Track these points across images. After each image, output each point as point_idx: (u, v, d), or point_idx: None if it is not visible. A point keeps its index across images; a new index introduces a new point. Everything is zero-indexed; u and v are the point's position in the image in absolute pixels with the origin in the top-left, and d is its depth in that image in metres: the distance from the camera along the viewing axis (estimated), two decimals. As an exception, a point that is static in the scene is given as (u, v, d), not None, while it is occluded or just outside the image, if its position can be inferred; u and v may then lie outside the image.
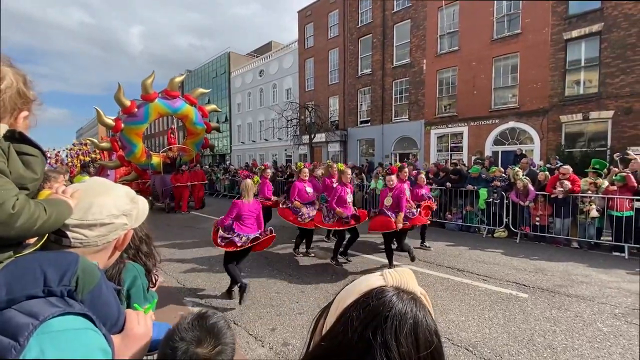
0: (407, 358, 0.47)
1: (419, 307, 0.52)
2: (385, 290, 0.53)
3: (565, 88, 12.06)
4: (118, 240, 0.87)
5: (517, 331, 3.29)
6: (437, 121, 15.62)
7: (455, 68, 14.90)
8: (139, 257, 1.61)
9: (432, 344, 0.50)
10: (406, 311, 0.50)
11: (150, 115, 11.31)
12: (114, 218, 0.82)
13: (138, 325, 0.87)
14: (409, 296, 0.53)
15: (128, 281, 1.41)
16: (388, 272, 0.56)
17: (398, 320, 0.49)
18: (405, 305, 0.51)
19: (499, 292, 4.26)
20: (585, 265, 5.36)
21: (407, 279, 0.55)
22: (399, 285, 0.54)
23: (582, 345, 3.03)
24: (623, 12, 10.73)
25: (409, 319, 0.49)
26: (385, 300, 0.51)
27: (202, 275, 5.07)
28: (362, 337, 0.48)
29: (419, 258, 5.69)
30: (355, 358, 0.48)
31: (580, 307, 3.82)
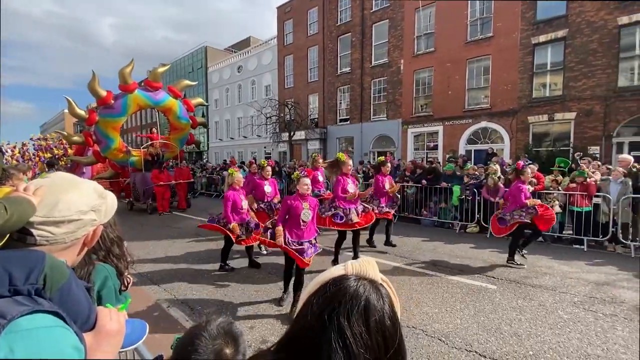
0: (359, 338, 0.49)
1: (374, 292, 0.55)
2: (344, 278, 0.56)
3: (533, 90, 12.70)
4: (87, 237, 0.86)
5: (486, 321, 3.47)
6: (414, 120, 16.01)
7: (431, 69, 15.30)
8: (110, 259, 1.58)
9: (383, 326, 0.52)
10: (359, 295, 0.53)
11: (129, 108, 10.56)
12: (82, 214, 0.81)
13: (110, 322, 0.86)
14: (367, 283, 0.56)
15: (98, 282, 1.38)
16: (350, 263, 0.60)
17: (350, 303, 0.52)
18: (359, 290, 0.54)
19: (470, 284, 4.46)
20: (549, 257, 5.71)
21: (368, 268, 0.59)
22: (359, 273, 0.57)
23: (544, 332, 3.24)
24: (586, 20, 11.42)
25: (362, 301, 0.52)
26: (342, 286, 0.55)
27: (178, 275, 4.97)
28: (320, 320, 0.52)
29: (394, 253, 5.84)
30: (314, 340, 0.51)
31: (544, 296, 4.07)
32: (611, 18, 10.93)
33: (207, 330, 0.83)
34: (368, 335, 0.50)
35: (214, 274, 5.02)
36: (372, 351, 0.50)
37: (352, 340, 0.49)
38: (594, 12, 11.23)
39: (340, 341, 0.49)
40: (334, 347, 0.49)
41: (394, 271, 5.04)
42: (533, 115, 12.62)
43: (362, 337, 0.50)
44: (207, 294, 4.28)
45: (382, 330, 0.52)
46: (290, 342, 0.55)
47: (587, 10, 11.36)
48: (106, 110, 10.30)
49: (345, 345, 0.49)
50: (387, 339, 0.52)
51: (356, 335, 0.49)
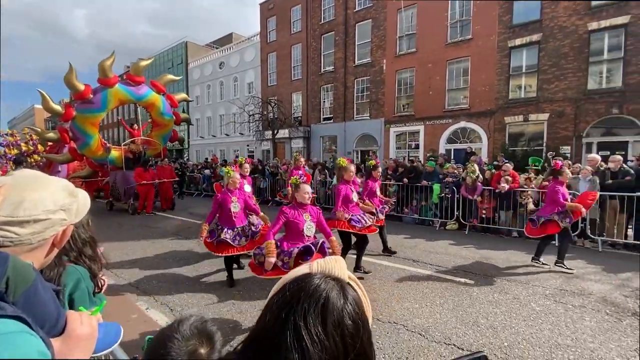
0: (315, 338, 0.48)
1: (337, 291, 0.53)
2: (307, 277, 0.55)
3: (509, 92, 13.15)
4: (56, 237, 0.82)
5: (464, 315, 3.58)
6: (396, 120, 16.24)
7: (412, 69, 15.57)
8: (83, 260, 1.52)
9: (343, 326, 0.50)
10: (318, 293, 0.51)
11: (109, 103, 10.03)
12: (50, 213, 0.77)
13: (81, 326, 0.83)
14: (332, 281, 0.54)
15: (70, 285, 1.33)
16: (316, 262, 0.58)
17: (308, 302, 0.50)
18: (319, 288, 0.52)
19: (449, 279, 4.59)
20: (524, 252, 5.94)
21: (334, 266, 0.57)
22: (324, 271, 0.56)
23: (518, 324, 3.37)
24: (558, 25, 11.92)
25: (320, 300, 0.51)
26: (302, 285, 0.53)
27: (157, 276, 4.84)
28: (278, 320, 0.51)
29: (377, 251, 5.92)
30: (274, 341, 0.50)
31: (518, 290, 4.24)
32: (582, 24, 11.46)
33: (179, 332, 0.80)
34: (325, 335, 0.48)
35: (195, 274, 4.93)
36: (329, 352, 0.48)
37: (307, 340, 0.47)
38: (566, 18, 11.74)
39: (296, 342, 0.48)
40: (290, 348, 0.47)
41: (376, 268, 5.11)
42: (509, 115, 13.08)
43: (319, 337, 0.48)
44: (187, 295, 4.20)
45: (341, 330, 0.50)
46: (252, 343, 0.54)
47: (560, 15, 11.86)
48: (84, 105, 9.76)
49: (300, 346, 0.47)
50: (346, 340, 0.50)
51: (312, 335, 0.48)
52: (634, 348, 2.93)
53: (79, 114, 9.75)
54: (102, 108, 10.03)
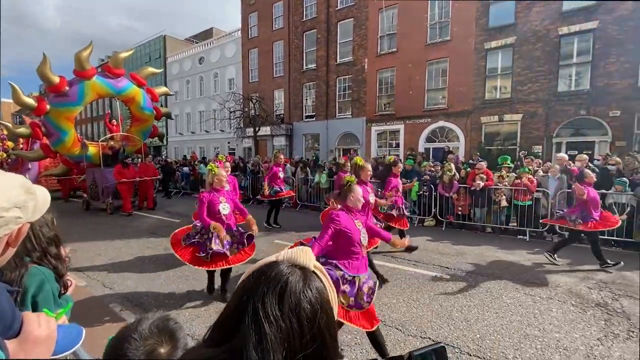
0: (272, 319, 0.50)
1: (299, 277, 0.55)
2: (273, 264, 0.57)
3: (486, 92, 13.57)
4: (10, 236, 0.78)
5: (440, 309, 3.68)
6: (377, 119, 16.43)
7: (393, 69, 15.77)
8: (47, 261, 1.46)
9: (300, 310, 0.52)
10: (278, 278, 0.53)
11: (86, 96, 9.48)
12: (3, 211, 0.74)
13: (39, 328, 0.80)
14: (296, 269, 0.56)
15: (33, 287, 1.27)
16: (283, 251, 0.61)
17: (267, 286, 0.52)
18: (280, 274, 0.54)
19: (426, 274, 4.71)
20: (496, 247, 6.17)
21: (299, 255, 0.59)
22: (290, 260, 0.58)
23: (490, 316, 3.51)
24: (531, 28, 12.39)
25: (279, 284, 0.53)
26: (266, 270, 0.55)
27: (131, 277, 4.70)
28: (240, 303, 0.53)
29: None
30: (235, 323, 0.52)
31: (491, 284, 4.40)
32: (553, 28, 11.97)
33: (137, 331, 0.78)
34: (281, 316, 0.50)
35: (172, 274, 4.82)
36: (285, 332, 0.50)
37: (264, 320, 0.49)
38: (539, 22, 12.22)
39: (254, 323, 0.50)
40: (249, 328, 0.50)
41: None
42: (485, 116, 13.50)
43: (275, 317, 0.50)
44: (163, 295, 4.10)
45: (297, 313, 0.52)
46: (217, 329, 0.55)
47: (533, 20, 12.33)
48: (59, 98, 9.16)
49: (258, 326, 0.49)
50: (302, 322, 0.52)
51: (269, 317, 0.50)
52: (596, 337, 3.11)
53: (53, 107, 9.18)
54: (79, 101, 9.48)
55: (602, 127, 11.32)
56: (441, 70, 14.59)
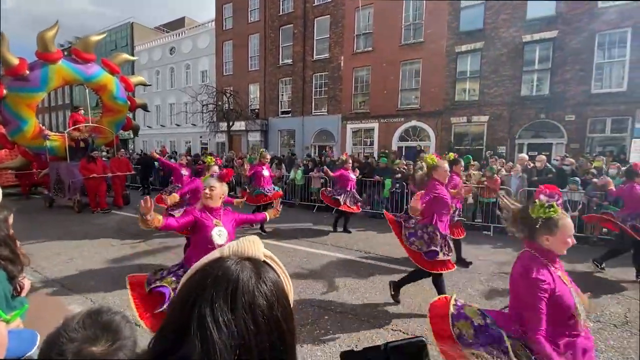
0: (222, 325, 0.45)
1: (251, 271, 0.50)
2: (218, 261, 0.52)
3: (455, 94, 14.13)
4: None
5: (410, 302, 3.82)
6: (353, 117, 16.62)
7: (369, 67, 16.00)
8: None
9: (255, 307, 0.47)
10: (228, 276, 0.48)
11: (50, 81, 8.63)
12: None
13: None
14: (245, 262, 0.52)
15: None
16: (228, 245, 0.56)
17: (215, 288, 0.47)
18: (229, 271, 0.49)
19: (397, 269, 4.86)
20: (464, 243, 6.46)
21: (247, 246, 0.54)
22: (237, 253, 0.53)
23: (456, 308, 3.69)
24: (498, 35, 13.01)
25: (230, 284, 0.48)
26: (211, 271, 0.50)
27: (95, 277, 4.47)
28: (184, 309, 0.47)
29: (332, 244, 6.07)
30: (179, 331, 0.46)
31: (458, 276, 4.62)
32: (517, 35, 12.65)
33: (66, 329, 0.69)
34: (235, 319, 0.45)
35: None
36: (238, 337, 0.45)
37: (213, 329, 0.44)
38: (505, 29, 12.87)
39: (200, 332, 0.44)
40: (194, 339, 0.44)
41: (329, 262, 5.23)
42: (455, 116, 14.06)
43: (226, 323, 0.45)
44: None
45: (253, 312, 0.47)
46: (160, 338, 0.49)
47: (500, 26, 12.96)
48: (18, 82, 8.28)
49: (205, 335, 0.44)
50: (258, 321, 0.47)
51: (219, 323, 0.44)
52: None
53: (12, 93, 8.29)
54: (42, 87, 8.62)
55: (558, 130, 12.17)
56: (414, 71, 14.99)
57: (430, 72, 14.40)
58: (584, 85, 11.64)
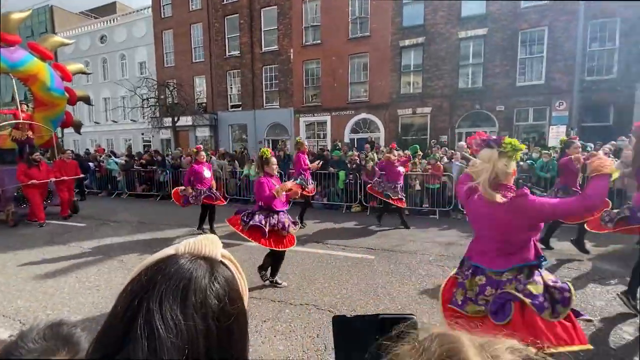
0: (170, 322, 0.42)
1: (205, 270, 0.48)
2: (171, 258, 0.49)
3: (401, 87, 14.82)
4: None
5: (366, 287, 4.00)
6: (305, 110, 16.63)
7: (319, 61, 16.07)
8: None
9: (206, 307, 0.45)
10: (180, 274, 0.46)
11: None
12: None
13: None
14: (200, 261, 0.49)
15: None
16: (184, 242, 0.53)
17: (167, 284, 0.45)
18: (182, 269, 0.47)
19: (354, 257, 5.04)
20: (413, 227, 6.91)
21: (204, 245, 0.52)
22: (193, 251, 0.51)
23: (409, 289, 3.95)
24: (437, 30, 13.85)
25: (182, 281, 0.46)
26: (163, 267, 0.47)
27: (24, 295, 3.97)
28: (130, 307, 0.44)
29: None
30: (122, 330, 0.43)
31: (409, 259, 4.93)
32: (454, 32, 13.59)
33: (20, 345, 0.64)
34: (184, 318, 0.43)
35: (77, 285, 4.22)
36: (186, 336, 0.43)
37: (160, 327, 0.42)
38: (443, 25, 13.73)
39: (146, 330, 0.42)
40: (139, 337, 0.41)
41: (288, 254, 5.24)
42: (401, 109, 14.77)
43: (175, 321, 0.42)
44: (69, 310, 3.58)
45: (203, 312, 0.45)
46: (102, 338, 0.46)
47: (438, 22, 13.80)
48: None
49: (152, 333, 0.41)
50: (208, 321, 0.45)
51: (167, 321, 0.42)
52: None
53: None
54: None
55: (491, 119, 13.42)
56: (362, 65, 15.39)
57: (377, 65, 14.89)
58: (510, 79, 12.95)
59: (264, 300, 3.67)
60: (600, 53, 11.95)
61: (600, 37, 11.95)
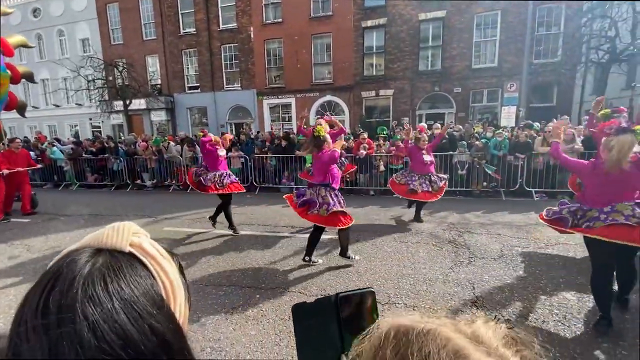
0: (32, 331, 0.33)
1: (102, 265, 0.37)
2: (68, 255, 0.39)
3: (364, 69, 14.86)
4: None
5: (336, 267, 4.09)
6: (268, 91, 16.17)
7: (280, 40, 15.55)
8: None
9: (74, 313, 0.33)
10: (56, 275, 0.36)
11: None
12: None
13: None
14: (99, 256, 0.38)
15: None
16: (90, 235, 0.42)
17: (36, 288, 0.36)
18: (59, 268, 0.37)
19: (323, 238, 5.06)
20: (379, 207, 7.13)
21: (107, 235, 0.41)
22: (94, 244, 0.40)
23: (376, 265, 4.10)
24: (398, 12, 13.92)
25: (50, 283, 0.35)
26: (53, 265, 0.38)
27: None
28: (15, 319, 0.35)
29: (258, 223, 6.01)
30: None
31: (374, 238, 5.10)
32: (414, 14, 13.74)
33: None
34: (45, 329, 0.33)
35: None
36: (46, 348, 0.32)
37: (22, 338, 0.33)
38: (404, 6, 13.82)
39: (14, 342, 0.33)
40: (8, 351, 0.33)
41: (257, 240, 5.19)
42: (365, 91, 14.88)
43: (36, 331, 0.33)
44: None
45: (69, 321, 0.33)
46: None
47: (399, 4, 13.85)
48: None
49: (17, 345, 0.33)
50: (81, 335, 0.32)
51: (28, 333, 0.33)
52: (449, 266, 4.00)
53: None
54: None
55: (449, 101, 13.97)
56: (326, 45, 15.16)
57: (340, 46, 14.74)
58: (466, 61, 13.47)
59: (233, 287, 3.63)
60: (547, 37, 12.77)
61: (547, 22, 12.74)
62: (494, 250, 4.48)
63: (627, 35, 11.51)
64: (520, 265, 3.99)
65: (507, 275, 3.75)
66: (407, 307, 3.17)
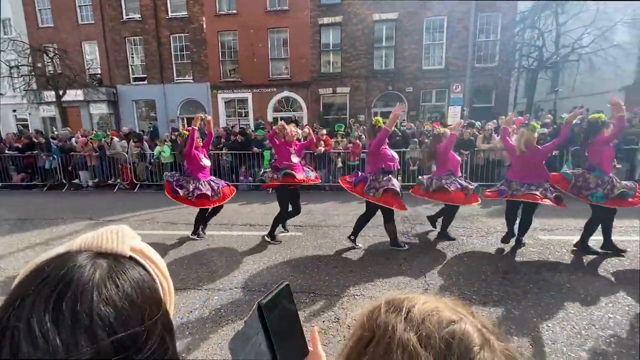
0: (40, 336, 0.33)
1: (100, 270, 0.38)
2: (62, 257, 0.39)
3: (321, 66, 14.96)
4: None
5: (296, 263, 4.11)
6: (223, 85, 15.57)
7: (235, 32, 15.04)
8: None
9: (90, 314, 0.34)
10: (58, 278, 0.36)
11: None
12: None
13: None
14: (99, 259, 0.39)
15: None
16: (84, 236, 0.42)
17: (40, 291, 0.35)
18: (64, 270, 0.37)
19: (282, 235, 5.10)
20: (337, 202, 7.28)
21: (105, 238, 0.41)
22: (91, 247, 0.41)
23: (336, 260, 4.20)
24: (353, 11, 14.18)
25: (60, 285, 0.36)
26: (48, 268, 0.38)
27: None
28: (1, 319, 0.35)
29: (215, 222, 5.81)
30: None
31: (334, 233, 5.21)
32: (369, 13, 14.11)
33: None
34: (59, 332, 0.33)
35: None
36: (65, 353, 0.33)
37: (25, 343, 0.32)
38: (359, 6, 14.11)
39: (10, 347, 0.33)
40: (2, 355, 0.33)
41: (213, 241, 5.02)
42: (322, 88, 15.00)
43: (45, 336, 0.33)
44: None
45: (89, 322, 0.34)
46: None
47: (355, 3, 14.12)
48: None
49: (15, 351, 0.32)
50: (96, 334, 0.34)
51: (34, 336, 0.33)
52: (403, 257, 4.22)
53: None
54: None
55: (401, 100, 14.62)
56: (283, 40, 14.97)
57: (297, 42, 14.65)
58: (417, 62, 14.19)
59: (188, 290, 3.48)
60: (486, 44, 13.92)
61: (487, 30, 13.87)
62: (443, 240, 4.82)
63: (552, 45, 12.96)
64: (464, 252, 4.35)
65: (453, 262, 4.06)
66: (365, 297, 3.29)
